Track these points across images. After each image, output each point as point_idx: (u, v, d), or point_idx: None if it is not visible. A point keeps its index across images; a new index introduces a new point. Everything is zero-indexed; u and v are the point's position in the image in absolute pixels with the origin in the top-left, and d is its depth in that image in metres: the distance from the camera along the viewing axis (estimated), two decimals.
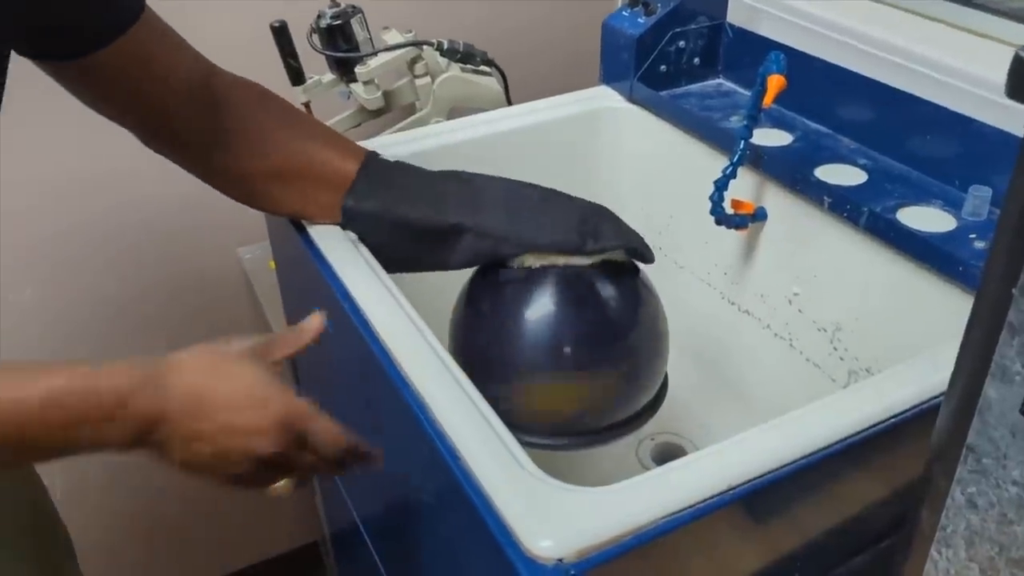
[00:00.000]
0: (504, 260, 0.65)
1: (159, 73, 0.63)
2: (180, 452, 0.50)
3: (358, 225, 0.69)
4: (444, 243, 0.66)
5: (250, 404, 0.50)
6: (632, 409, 0.67)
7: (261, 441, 0.50)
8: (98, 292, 1.21)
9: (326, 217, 0.70)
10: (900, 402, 0.52)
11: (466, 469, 0.48)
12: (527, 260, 0.65)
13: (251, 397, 0.50)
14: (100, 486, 1.30)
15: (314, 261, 0.67)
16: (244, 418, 0.49)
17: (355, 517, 0.85)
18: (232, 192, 0.70)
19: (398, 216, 0.67)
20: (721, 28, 0.92)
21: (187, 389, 0.49)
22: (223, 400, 0.49)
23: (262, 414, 0.50)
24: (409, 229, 0.67)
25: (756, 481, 0.48)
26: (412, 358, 0.56)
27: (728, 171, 0.76)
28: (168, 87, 0.64)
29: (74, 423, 0.47)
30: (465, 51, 1.04)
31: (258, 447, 0.50)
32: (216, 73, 0.67)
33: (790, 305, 0.80)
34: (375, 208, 0.67)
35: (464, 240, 0.65)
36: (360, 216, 0.68)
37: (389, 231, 0.68)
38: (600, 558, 0.43)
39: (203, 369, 0.50)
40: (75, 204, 1.15)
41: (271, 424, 0.50)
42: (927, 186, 0.72)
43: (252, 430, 0.50)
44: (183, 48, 0.65)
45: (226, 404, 0.49)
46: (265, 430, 0.50)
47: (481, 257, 0.66)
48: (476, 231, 0.65)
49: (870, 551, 0.58)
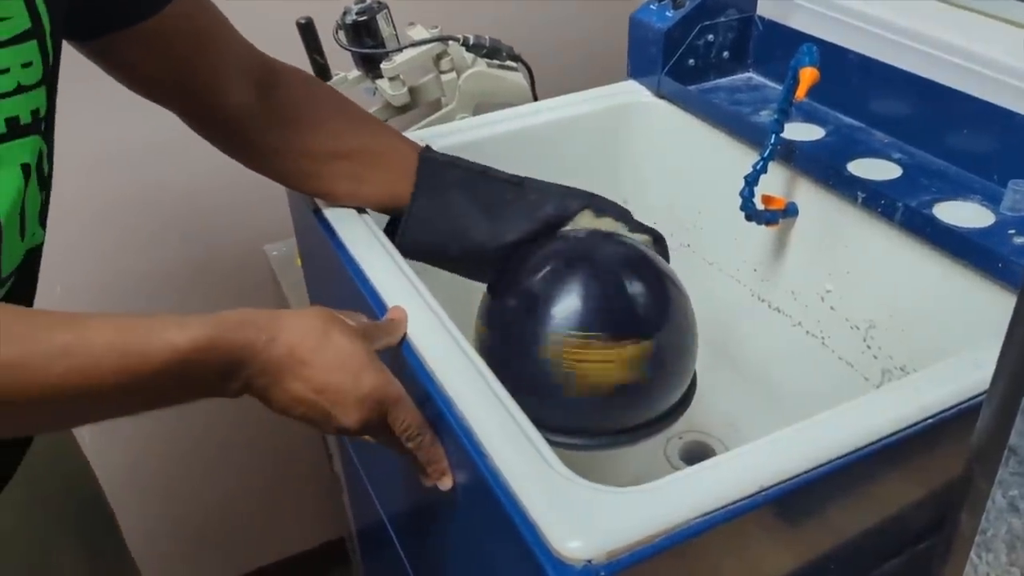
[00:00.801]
0: (566, 219, 0.69)
1: (208, 47, 0.64)
2: (276, 405, 0.51)
3: (429, 172, 0.70)
4: (505, 207, 0.69)
5: (342, 376, 0.50)
6: (661, 408, 0.66)
7: (346, 412, 0.51)
8: (123, 288, 1.22)
9: (377, 201, 0.71)
10: (938, 402, 0.51)
11: (493, 468, 0.47)
12: (582, 220, 0.68)
13: (345, 369, 0.50)
14: (132, 481, 1.31)
15: (337, 255, 0.67)
16: (334, 388, 0.50)
17: (381, 514, 0.84)
18: (281, 174, 0.71)
19: (469, 164, 0.70)
20: (751, 21, 0.90)
21: (289, 349, 0.50)
22: (320, 366, 0.50)
23: (352, 386, 0.50)
24: (477, 179, 0.70)
25: (789, 482, 0.47)
26: (438, 355, 0.56)
27: (759, 166, 0.74)
28: (218, 62, 0.64)
29: (200, 375, 0.47)
30: (491, 46, 1.03)
31: (342, 417, 0.51)
32: (263, 54, 0.68)
33: (822, 302, 0.79)
34: (448, 158, 0.70)
35: (528, 196, 0.69)
36: (433, 162, 0.70)
37: (457, 180, 0.70)
38: (630, 560, 0.42)
39: (310, 332, 0.51)
40: (100, 202, 1.16)
41: (357, 398, 0.51)
42: (965, 181, 0.70)
43: (339, 401, 0.50)
44: (230, 26, 0.66)
45: (323, 370, 0.50)
46: (351, 403, 0.51)
47: (543, 214, 0.69)
48: (540, 187, 0.69)
49: (907, 554, 0.57)
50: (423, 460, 0.54)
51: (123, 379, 0.44)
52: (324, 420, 0.51)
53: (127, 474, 1.30)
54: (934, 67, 0.72)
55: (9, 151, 0.49)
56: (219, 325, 0.48)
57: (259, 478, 1.48)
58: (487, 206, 0.69)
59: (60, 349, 0.43)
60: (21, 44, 0.49)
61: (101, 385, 0.44)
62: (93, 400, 0.45)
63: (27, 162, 0.51)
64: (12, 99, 0.49)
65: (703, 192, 0.91)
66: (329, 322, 0.52)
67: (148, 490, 1.38)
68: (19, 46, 0.49)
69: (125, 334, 0.45)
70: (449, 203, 0.69)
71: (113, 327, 0.45)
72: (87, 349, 0.43)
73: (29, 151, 0.51)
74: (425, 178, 0.69)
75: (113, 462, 1.25)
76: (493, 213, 0.69)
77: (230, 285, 1.28)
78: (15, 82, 0.49)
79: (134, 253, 1.22)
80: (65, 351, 0.43)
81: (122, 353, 0.44)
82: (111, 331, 0.44)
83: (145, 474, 1.37)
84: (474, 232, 0.69)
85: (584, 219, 0.70)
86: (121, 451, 1.30)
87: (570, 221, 0.70)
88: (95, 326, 0.44)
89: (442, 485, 0.54)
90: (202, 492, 1.45)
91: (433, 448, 0.54)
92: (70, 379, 0.43)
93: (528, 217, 0.69)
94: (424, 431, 0.54)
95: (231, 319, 0.48)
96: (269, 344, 0.49)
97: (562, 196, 0.70)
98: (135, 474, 1.35)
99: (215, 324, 0.47)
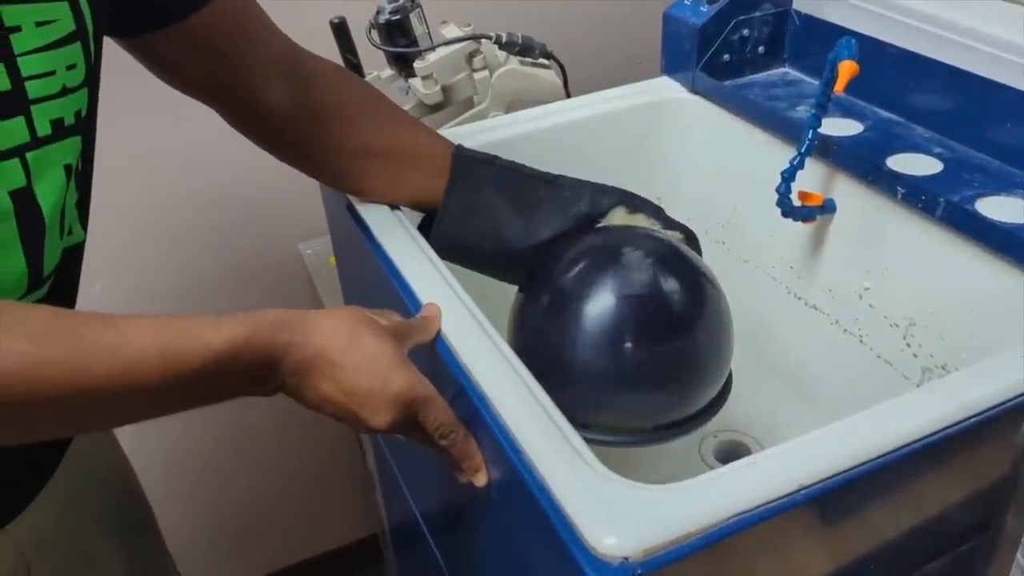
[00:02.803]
0: (599, 216, 0.69)
1: (248, 43, 0.64)
2: (308, 403, 0.51)
3: (463, 169, 0.70)
4: (538, 206, 0.69)
5: (371, 377, 0.50)
6: (696, 405, 0.66)
7: (375, 413, 0.51)
8: (156, 286, 1.24)
9: (411, 199, 0.71)
10: (983, 400, 0.50)
11: (529, 464, 0.47)
12: (615, 217, 0.68)
13: (374, 370, 0.50)
14: (163, 480, 1.33)
15: (371, 250, 0.68)
16: (363, 389, 0.50)
17: (415, 510, 0.85)
18: (317, 171, 0.71)
19: (502, 162, 0.70)
20: (787, 15, 0.89)
21: (320, 350, 0.50)
22: (349, 367, 0.50)
23: (380, 388, 0.50)
24: (510, 176, 0.70)
25: (829, 481, 0.46)
26: (473, 351, 0.56)
27: (796, 161, 0.74)
28: (257, 58, 0.65)
29: (234, 376, 0.48)
30: (524, 44, 1.03)
31: (371, 418, 0.51)
32: (301, 50, 0.68)
33: (860, 300, 0.78)
34: (481, 156, 0.70)
35: (561, 192, 0.69)
36: (467, 159, 0.70)
37: (490, 177, 0.70)
38: (667, 557, 0.42)
39: (340, 332, 0.51)
40: (133, 199, 1.17)
41: (386, 400, 0.50)
42: (1008, 175, 0.69)
43: (367, 402, 0.50)
44: (268, 22, 0.66)
45: (351, 371, 0.50)
46: (380, 405, 0.50)
47: (576, 211, 0.69)
48: (573, 184, 0.69)
49: (949, 555, 0.56)
50: (457, 457, 0.54)
51: (164, 379, 0.45)
52: (354, 420, 0.52)
53: (159, 473, 1.32)
54: (974, 59, 0.70)
55: (55, 152, 0.50)
56: (254, 326, 0.48)
57: (291, 476, 1.49)
58: (520, 203, 0.69)
59: (104, 350, 0.43)
60: (66, 47, 0.50)
61: (143, 385, 0.44)
62: (133, 400, 0.45)
63: (70, 163, 0.52)
64: (57, 101, 0.50)
65: (738, 189, 0.90)
66: (360, 322, 0.52)
67: (178, 488, 1.39)
68: (64, 48, 0.50)
69: (166, 335, 0.45)
70: (482, 200, 0.69)
71: (153, 328, 0.45)
72: (130, 350, 0.44)
73: (72, 152, 0.52)
74: (458, 175, 0.69)
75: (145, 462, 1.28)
76: (526, 210, 0.69)
77: (263, 283, 1.29)
78: (60, 84, 0.50)
79: (165, 251, 1.23)
80: (109, 352, 0.43)
81: (163, 353, 0.44)
82: (152, 332, 0.45)
83: (175, 472, 1.39)
84: (506, 230, 0.69)
85: (617, 216, 0.69)
86: (154, 451, 1.32)
87: (603, 218, 0.69)
88: (136, 327, 0.45)
89: (476, 481, 0.54)
90: (233, 491, 1.46)
91: (466, 445, 0.54)
92: (113, 380, 0.43)
93: (561, 214, 0.68)
94: (457, 428, 0.54)
95: (266, 320, 0.49)
96: (300, 344, 0.49)
97: (595, 193, 0.69)
98: (166, 473, 1.37)
99: (251, 325, 0.47)
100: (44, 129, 0.49)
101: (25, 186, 0.48)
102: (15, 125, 0.47)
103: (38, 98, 0.48)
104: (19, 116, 0.47)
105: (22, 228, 0.49)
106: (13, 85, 0.47)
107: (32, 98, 0.48)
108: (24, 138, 0.48)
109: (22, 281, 0.50)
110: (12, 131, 0.47)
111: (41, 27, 0.48)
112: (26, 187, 0.48)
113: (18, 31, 0.46)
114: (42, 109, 0.48)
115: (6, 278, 0.49)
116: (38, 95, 0.48)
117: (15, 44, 0.46)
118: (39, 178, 0.49)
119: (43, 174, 0.49)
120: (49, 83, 0.49)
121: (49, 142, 0.49)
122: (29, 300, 0.51)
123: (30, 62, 0.47)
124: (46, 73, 0.48)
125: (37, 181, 0.49)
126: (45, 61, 0.48)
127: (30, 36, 0.47)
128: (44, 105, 0.49)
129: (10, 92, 0.46)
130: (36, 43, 0.48)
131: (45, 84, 0.48)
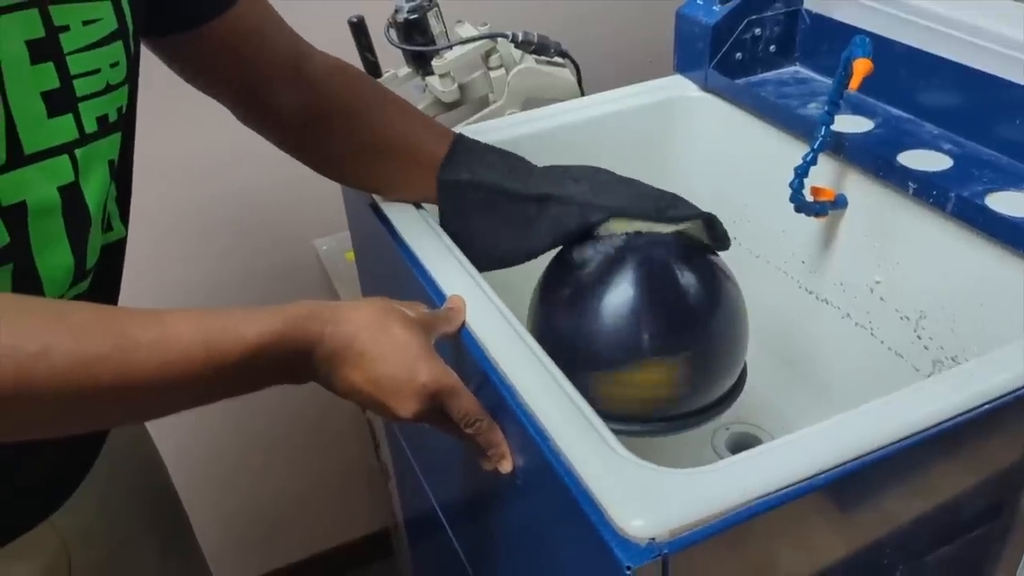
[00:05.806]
0: (590, 230, 0.67)
1: (263, 45, 0.66)
2: (338, 391, 0.52)
3: (450, 197, 0.70)
4: (528, 224, 0.67)
5: (398, 367, 0.51)
6: (712, 396, 0.67)
7: (401, 403, 0.51)
8: (172, 283, 1.25)
9: (417, 195, 0.72)
10: (994, 388, 0.52)
11: (556, 450, 0.49)
12: (612, 226, 0.66)
13: (401, 361, 0.51)
14: (177, 474, 1.34)
15: (395, 247, 0.69)
16: (389, 379, 0.51)
17: (433, 501, 0.86)
18: (325, 167, 0.72)
19: (489, 184, 0.68)
20: (798, 14, 0.91)
21: (349, 340, 0.50)
22: (377, 357, 0.51)
23: (407, 378, 0.51)
24: (498, 200, 0.68)
25: (844, 467, 0.47)
26: (497, 342, 0.57)
27: (808, 157, 0.75)
28: (271, 59, 0.66)
29: (269, 367, 0.49)
30: (539, 42, 1.04)
31: (398, 408, 0.52)
32: (312, 50, 0.70)
33: (871, 294, 0.79)
34: (467, 178, 0.69)
35: (550, 211, 0.67)
36: (452, 186, 0.69)
37: (478, 203, 0.69)
38: (692, 538, 0.43)
39: (369, 323, 0.51)
40: (150, 197, 1.19)
41: (413, 390, 0.51)
42: (1017, 171, 0.70)
43: (394, 392, 0.51)
44: (282, 24, 0.68)
45: (379, 361, 0.51)
46: (407, 394, 0.51)
47: (565, 228, 0.67)
48: (562, 200, 0.66)
49: (962, 540, 0.57)
50: (483, 444, 0.55)
51: (205, 372, 0.46)
52: (381, 409, 0.52)
53: (176, 465, 1.33)
54: (983, 57, 0.72)
55: (100, 148, 0.52)
56: (288, 318, 0.49)
57: (301, 472, 1.50)
58: (508, 225, 0.69)
59: (149, 344, 0.44)
60: (110, 45, 0.51)
61: (186, 379, 0.45)
62: (176, 393, 0.46)
63: (112, 158, 0.53)
64: (102, 98, 0.51)
65: (750, 185, 0.91)
66: (388, 313, 0.53)
67: (193, 482, 1.40)
68: (108, 47, 0.51)
69: (207, 328, 0.46)
70: (474, 227, 0.70)
71: (194, 322, 0.46)
72: (174, 344, 0.45)
73: (114, 148, 0.54)
74: (446, 204, 0.70)
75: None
76: (516, 234, 0.69)
77: (280, 279, 1.31)
78: (104, 82, 0.51)
79: (186, 250, 1.25)
80: (154, 346, 0.44)
81: (205, 346, 0.45)
82: (193, 326, 0.46)
83: (190, 466, 1.40)
84: (504, 246, 0.69)
85: (615, 225, 0.68)
86: (170, 446, 1.33)
87: (597, 230, 0.68)
88: (178, 320, 0.46)
89: (502, 468, 0.56)
90: (248, 486, 1.47)
91: (492, 432, 0.55)
92: (158, 373, 0.44)
93: (551, 233, 0.68)
94: (482, 417, 0.55)
95: (299, 312, 0.50)
96: (332, 335, 0.50)
97: (583, 209, 0.67)
98: (179, 467, 1.38)
99: (284, 317, 0.48)
100: (91, 126, 0.50)
101: (73, 181, 0.50)
102: (64, 122, 0.49)
103: (85, 95, 0.50)
104: (68, 113, 0.49)
105: (68, 223, 0.50)
106: (62, 83, 0.48)
107: (80, 95, 0.50)
108: (73, 135, 0.49)
109: (68, 275, 0.52)
110: (62, 128, 0.49)
111: (87, 26, 0.49)
112: (74, 183, 0.50)
113: (66, 30, 0.48)
114: (89, 106, 0.50)
115: (54, 272, 0.51)
116: (85, 92, 0.50)
117: (64, 43, 0.48)
118: (86, 174, 0.51)
119: (90, 170, 0.51)
120: (95, 81, 0.50)
121: (95, 138, 0.51)
122: (72, 293, 0.53)
123: (77, 60, 0.49)
124: (92, 71, 0.50)
125: (84, 177, 0.51)
126: (91, 59, 0.50)
127: (77, 35, 0.49)
128: (90, 102, 0.50)
129: (59, 90, 0.48)
130: (83, 42, 0.49)
131: (91, 82, 0.50)
